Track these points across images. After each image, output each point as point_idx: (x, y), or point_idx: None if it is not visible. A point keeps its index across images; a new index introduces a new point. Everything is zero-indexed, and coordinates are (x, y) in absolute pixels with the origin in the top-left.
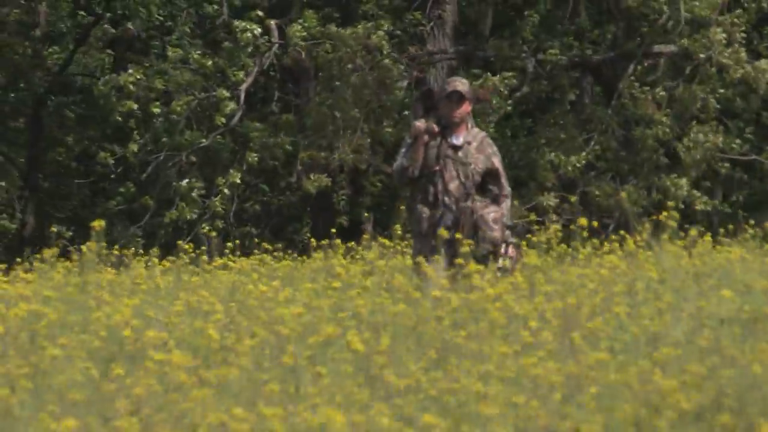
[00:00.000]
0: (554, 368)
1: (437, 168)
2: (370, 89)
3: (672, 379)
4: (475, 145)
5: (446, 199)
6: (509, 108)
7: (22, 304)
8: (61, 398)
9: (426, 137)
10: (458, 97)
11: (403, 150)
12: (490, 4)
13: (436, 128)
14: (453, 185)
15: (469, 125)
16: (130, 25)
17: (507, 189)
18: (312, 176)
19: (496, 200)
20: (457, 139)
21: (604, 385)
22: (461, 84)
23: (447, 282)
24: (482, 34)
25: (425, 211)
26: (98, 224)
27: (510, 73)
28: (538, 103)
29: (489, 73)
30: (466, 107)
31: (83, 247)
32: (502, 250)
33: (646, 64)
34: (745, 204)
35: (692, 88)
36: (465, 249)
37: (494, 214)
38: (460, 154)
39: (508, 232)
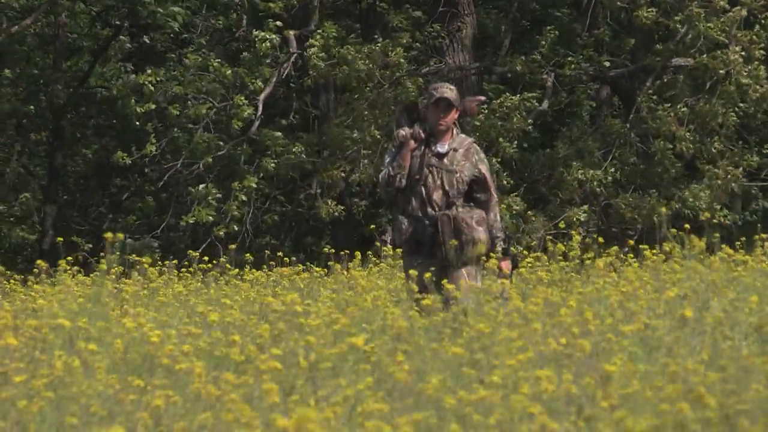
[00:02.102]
0: (570, 380)
1: (417, 177)
2: (389, 107)
3: (690, 392)
4: (462, 152)
5: (429, 209)
6: (530, 127)
7: (39, 315)
8: (83, 410)
9: (412, 143)
10: (446, 105)
11: (387, 159)
12: (508, 17)
13: (422, 134)
14: (437, 195)
15: (455, 132)
16: (146, 39)
17: (495, 197)
18: (328, 202)
19: (482, 206)
20: (442, 147)
21: (621, 397)
22: (449, 90)
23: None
24: (501, 47)
25: (405, 222)
26: (110, 236)
27: (531, 94)
28: (558, 116)
29: (508, 93)
30: (454, 115)
31: (102, 261)
32: (500, 268)
33: (665, 80)
34: (764, 218)
35: (712, 103)
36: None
37: (477, 216)
38: (445, 161)
39: (500, 248)
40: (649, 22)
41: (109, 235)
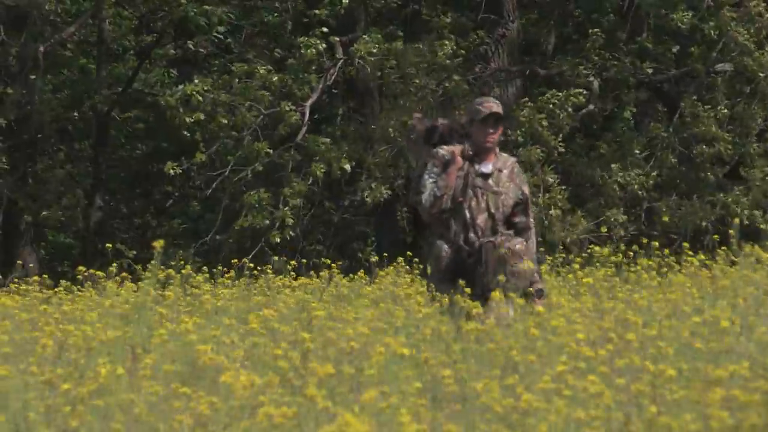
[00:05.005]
0: (618, 385)
1: (461, 200)
2: (435, 107)
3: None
4: (506, 173)
5: (471, 234)
6: (577, 124)
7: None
8: (128, 417)
9: (460, 160)
10: (495, 120)
11: (429, 180)
12: (552, 23)
13: (470, 152)
14: (481, 218)
15: (497, 151)
16: (191, 45)
17: (532, 222)
18: (373, 186)
19: (520, 233)
20: (486, 167)
21: (668, 402)
22: (497, 105)
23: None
24: (546, 52)
25: (445, 249)
26: (159, 244)
27: (578, 90)
28: (603, 121)
29: (555, 90)
30: (500, 131)
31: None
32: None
33: (705, 82)
34: None
35: (752, 107)
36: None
37: (520, 246)
38: (490, 182)
39: (535, 287)
40: (684, 26)
41: (157, 243)
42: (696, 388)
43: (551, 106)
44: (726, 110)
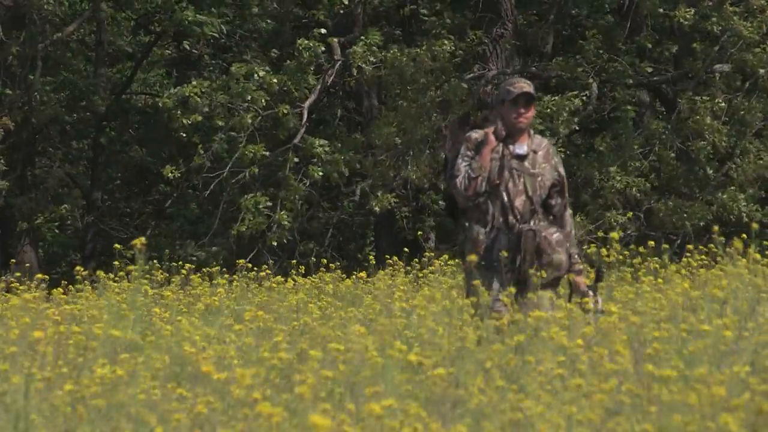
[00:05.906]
0: (617, 387)
1: (497, 182)
2: (435, 109)
3: (736, 397)
4: (542, 154)
5: (510, 217)
6: (575, 127)
7: (80, 323)
8: (127, 417)
9: (493, 140)
10: (527, 99)
11: (463, 163)
12: (548, 23)
13: (503, 132)
14: (519, 201)
15: (531, 132)
16: (186, 45)
17: (568, 204)
18: (379, 194)
19: (558, 217)
20: (521, 148)
21: (667, 404)
22: (528, 85)
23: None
24: (544, 53)
25: (482, 232)
26: (139, 242)
27: (573, 93)
28: (601, 121)
29: (551, 95)
30: (533, 111)
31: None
32: (591, 298)
33: (703, 78)
34: None
35: (750, 102)
36: (532, 278)
37: (558, 235)
38: (526, 164)
39: (577, 266)
40: (687, 22)
41: (137, 241)
42: (694, 389)
43: (548, 111)
44: (723, 104)
